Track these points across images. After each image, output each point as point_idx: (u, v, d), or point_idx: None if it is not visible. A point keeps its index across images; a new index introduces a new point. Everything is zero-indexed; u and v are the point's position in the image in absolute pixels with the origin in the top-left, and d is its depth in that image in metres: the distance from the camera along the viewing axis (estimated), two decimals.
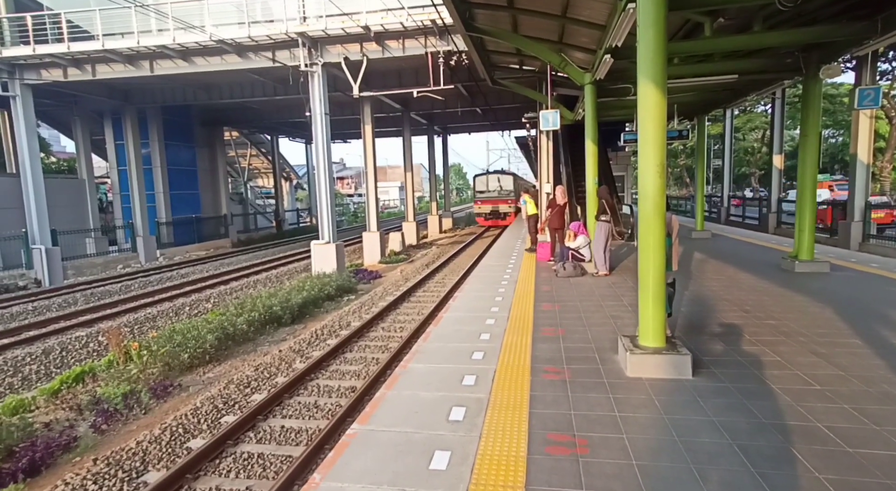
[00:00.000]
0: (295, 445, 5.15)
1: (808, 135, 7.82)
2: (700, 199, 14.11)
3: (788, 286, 7.08)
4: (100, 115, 21.94)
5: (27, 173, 16.33)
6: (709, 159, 32.72)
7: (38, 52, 14.82)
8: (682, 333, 5.06)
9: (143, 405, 6.38)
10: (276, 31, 13.87)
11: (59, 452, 5.20)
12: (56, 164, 33.38)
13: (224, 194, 27.15)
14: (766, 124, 35.38)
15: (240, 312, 9.69)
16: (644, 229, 4.06)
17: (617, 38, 6.42)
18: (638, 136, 4.07)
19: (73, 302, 12.79)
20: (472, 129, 33.24)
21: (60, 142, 41.23)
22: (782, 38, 6.96)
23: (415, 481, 2.67)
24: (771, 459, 2.77)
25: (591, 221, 9.05)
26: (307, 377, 6.86)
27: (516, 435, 3.11)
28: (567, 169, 15.56)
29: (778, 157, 18.27)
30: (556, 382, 3.93)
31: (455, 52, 13.50)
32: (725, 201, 21.62)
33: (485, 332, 5.37)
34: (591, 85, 8.89)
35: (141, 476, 4.67)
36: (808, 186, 7.92)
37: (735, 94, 12.31)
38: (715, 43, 7.11)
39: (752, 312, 5.74)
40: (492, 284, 7.97)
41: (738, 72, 8.44)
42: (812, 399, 3.49)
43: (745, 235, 13.92)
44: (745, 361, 4.24)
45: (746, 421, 3.20)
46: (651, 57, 3.94)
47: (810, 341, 4.68)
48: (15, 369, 7.80)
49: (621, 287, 7.39)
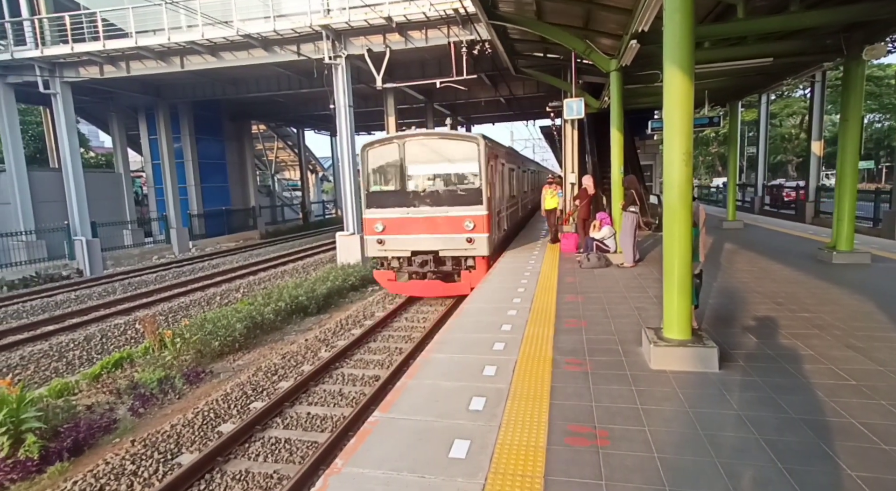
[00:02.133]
0: (320, 431, 5.28)
1: (848, 119, 7.45)
2: (731, 187, 13.65)
3: (824, 278, 6.80)
4: (134, 110, 22.71)
5: (68, 168, 17.07)
6: (743, 147, 31.54)
7: (77, 51, 15.41)
8: (709, 326, 4.94)
9: (176, 390, 6.64)
10: (300, 25, 14.02)
11: (100, 433, 5.48)
12: (95, 159, 34.78)
13: (252, 187, 27.77)
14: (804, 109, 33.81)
15: (267, 301, 9.94)
16: (669, 219, 3.96)
17: (644, 22, 6.24)
18: (664, 123, 3.96)
19: (112, 291, 13.37)
20: (495, 119, 32.86)
21: (99, 137, 42.87)
22: (822, 18, 6.62)
23: (434, 469, 2.71)
24: (800, 455, 2.69)
25: (616, 212, 8.88)
26: (332, 366, 7.01)
27: (536, 425, 3.11)
28: (593, 158, 15.28)
29: (817, 144, 17.49)
30: (577, 373, 3.90)
31: (478, 41, 13.35)
32: (759, 190, 20.86)
33: (506, 323, 5.36)
34: (616, 72, 8.68)
35: (175, 458, 4.87)
36: (848, 174, 7.56)
37: (770, 78, 11.81)
38: (748, 25, 6.81)
39: (785, 305, 5.55)
40: (514, 275, 7.94)
41: (774, 55, 8.09)
42: (846, 395, 3.36)
43: (780, 225, 13.41)
44: (776, 355, 4.11)
45: (775, 416, 3.11)
46: (677, 41, 3.81)
47: (846, 335, 4.50)
48: (60, 354, 8.23)
49: (647, 278, 7.25)
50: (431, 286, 9.50)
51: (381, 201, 9.41)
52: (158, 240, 21.79)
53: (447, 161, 9.19)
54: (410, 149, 9.19)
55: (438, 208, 9.08)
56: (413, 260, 9.39)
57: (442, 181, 9.26)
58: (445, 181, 9.25)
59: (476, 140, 9.17)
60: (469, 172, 9.12)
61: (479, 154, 8.99)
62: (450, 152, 9.16)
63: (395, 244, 9.35)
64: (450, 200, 9.06)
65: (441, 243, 9.10)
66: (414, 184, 9.27)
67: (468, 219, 8.92)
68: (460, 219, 8.97)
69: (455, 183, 9.19)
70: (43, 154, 24.31)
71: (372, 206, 9.47)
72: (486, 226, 8.94)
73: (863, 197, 13.21)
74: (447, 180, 9.26)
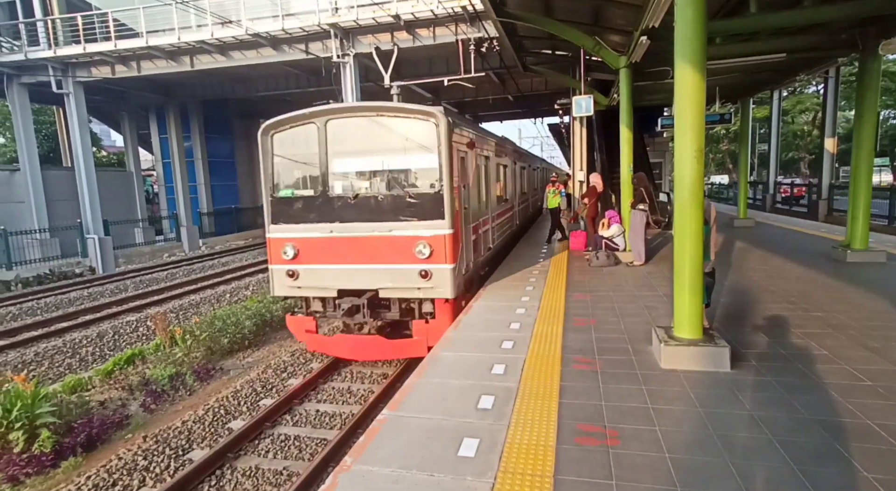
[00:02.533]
0: (329, 428, 5.31)
1: (864, 116, 7.33)
2: (743, 185, 13.50)
3: (838, 277, 6.70)
4: (145, 110, 22.94)
5: (81, 167, 17.29)
6: (754, 144, 31.15)
7: (89, 51, 15.59)
8: (720, 325, 4.89)
9: (187, 387, 6.71)
10: (308, 23, 14.07)
11: (113, 428, 5.55)
12: (107, 158, 35.22)
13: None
14: (817, 106, 33.27)
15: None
16: (680, 217, 3.92)
17: (654, 18, 6.17)
18: (675, 120, 3.92)
19: (123, 288, 13.52)
20: (503, 116, 32.76)
21: (111, 136, 43.37)
22: (838, 12, 6.51)
23: (443, 467, 2.71)
24: (815, 456, 2.65)
25: (625, 210, 8.82)
26: (341, 364, 7.04)
27: (545, 424, 3.10)
28: (601, 156, 15.16)
29: (830, 141, 17.22)
30: (587, 372, 3.88)
31: (486, 38, 13.31)
32: (771, 188, 20.61)
33: (515, 321, 5.34)
34: (626, 68, 8.60)
35: (186, 454, 4.92)
36: (862, 171, 7.44)
37: (783, 74, 11.65)
38: (761, 20, 6.72)
39: (798, 304, 5.48)
40: (522, 274, 7.91)
41: (787, 50, 7.96)
42: (862, 395, 3.31)
43: (793, 224, 13.23)
44: (789, 355, 4.06)
45: (788, 416, 3.07)
46: (689, 37, 3.77)
47: (861, 335, 4.43)
48: (73, 351, 8.34)
49: (657, 277, 7.19)
50: (366, 345, 6.23)
51: (292, 213, 6.32)
52: (169, 238, 22.02)
53: (391, 151, 6.13)
54: (335, 131, 6.14)
55: (378, 225, 5.96)
56: (340, 303, 6.28)
57: (383, 182, 6.20)
58: (389, 182, 6.18)
59: (433, 117, 5.86)
60: (424, 168, 6.02)
61: (438, 139, 5.82)
62: (395, 136, 6.05)
63: (312, 278, 6.26)
64: (395, 212, 5.93)
65: (381, 278, 6.03)
66: (341, 186, 6.22)
67: (422, 241, 5.82)
68: (410, 241, 5.86)
69: (403, 185, 6.13)
70: (56, 153, 24.67)
71: (279, 221, 6.37)
72: (450, 251, 5.83)
73: (877, 194, 12.99)
74: (392, 181, 6.18)
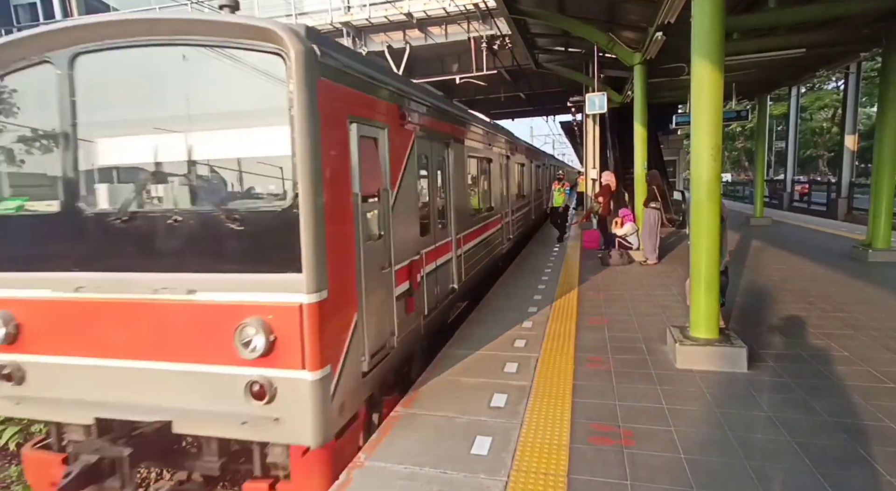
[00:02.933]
0: None
1: (886, 112, 7.16)
2: (759, 183, 13.28)
3: (859, 276, 6.56)
4: None
5: None
6: (771, 141, 30.64)
7: None
8: (737, 325, 4.81)
9: None
10: (321, 22, 14.14)
11: None
12: None
13: None
14: (837, 102, 32.59)
15: None
16: (696, 215, 3.87)
17: (670, 13, 6.09)
18: (691, 118, 3.86)
19: None
20: (515, 114, 32.58)
21: None
22: (860, 6, 6.37)
23: (457, 465, 2.70)
24: (835, 459, 2.60)
25: (638, 208, 8.73)
26: None
27: (559, 423, 3.08)
28: (614, 153, 15.03)
29: (850, 138, 16.84)
30: (600, 371, 3.85)
31: (498, 36, 13.27)
32: (788, 186, 20.25)
33: (527, 319, 5.32)
34: (640, 65, 8.51)
35: None
36: (885, 168, 7.27)
37: (802, 70, 11.44)
38: (780, 15, 6.60)
39: (817, 304, 5.37)
40: (534, 272, 7.87)
41: (807, 46, 7.81)
42: (885, 398, 3.23)
43: (811, 223, 12.99)
44: (808, 356, 3.98)
45: (807, 418, 3.01)
46: (706, 32, 3.71)
47: (883, 336, 4.33)
48: None
49: (670, 276, 7.10)
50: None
51: (7, 250, 3.07)
52: None
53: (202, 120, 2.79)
54: (93, 77, 2.98)
55: (169, 279, 2.71)
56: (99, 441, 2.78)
57: (184, 187, 2.86)
58: (194, 189, 2.83)
59: (277, 42, 2.53)
60: (265, 157, 2.82)
61: (290, 92, 2.49)
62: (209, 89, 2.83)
63: (45, 386, 2.96)
64: (204, 253, 2.73)
65: (177, 392, 2.75)
66: (105, 194, 2.96)
67: (252, 318, 2.56)
68: (229, 316, 2.61)
69: (223, 194, 2.85)
70: None
71: None
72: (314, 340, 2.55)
73: None
74: (200, 186, 2.85)
